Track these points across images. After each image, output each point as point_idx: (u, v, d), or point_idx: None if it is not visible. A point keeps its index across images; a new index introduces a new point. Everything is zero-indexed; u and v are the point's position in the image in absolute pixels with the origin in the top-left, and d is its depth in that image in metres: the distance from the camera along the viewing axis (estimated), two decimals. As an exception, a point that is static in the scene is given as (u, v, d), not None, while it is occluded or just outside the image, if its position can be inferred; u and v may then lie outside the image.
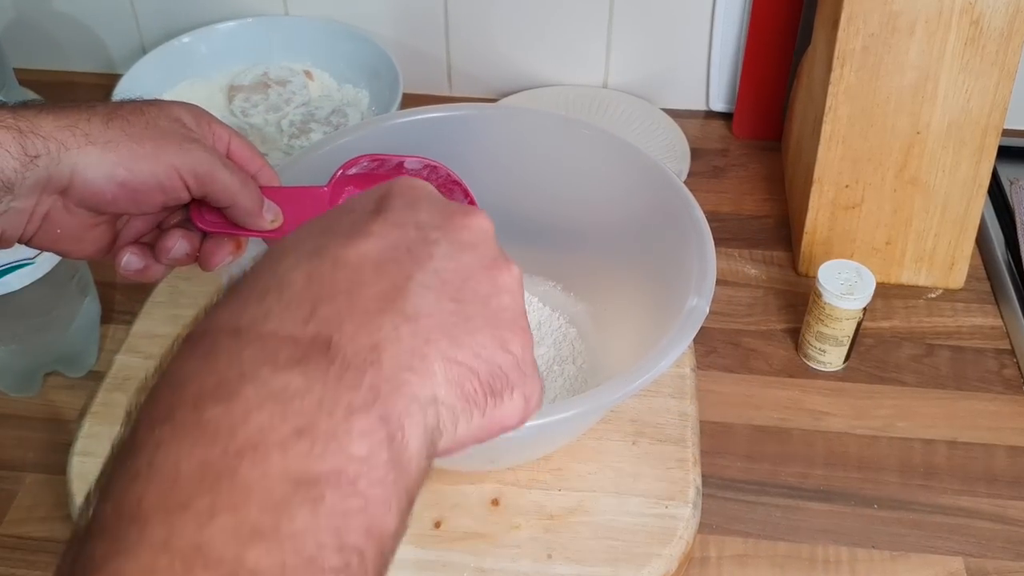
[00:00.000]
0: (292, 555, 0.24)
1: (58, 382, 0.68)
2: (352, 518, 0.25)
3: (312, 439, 0.25)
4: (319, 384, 0.26)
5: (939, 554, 0.59)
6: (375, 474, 0.26)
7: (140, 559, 0.23)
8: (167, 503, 0.24)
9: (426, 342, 0.29)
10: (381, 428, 0.27)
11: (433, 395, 0.29)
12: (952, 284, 0.75)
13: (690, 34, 0.89)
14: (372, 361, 0.28)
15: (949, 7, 0.64)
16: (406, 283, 0.30)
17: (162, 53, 0.88)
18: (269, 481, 0.24)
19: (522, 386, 0.33)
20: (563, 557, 0.55)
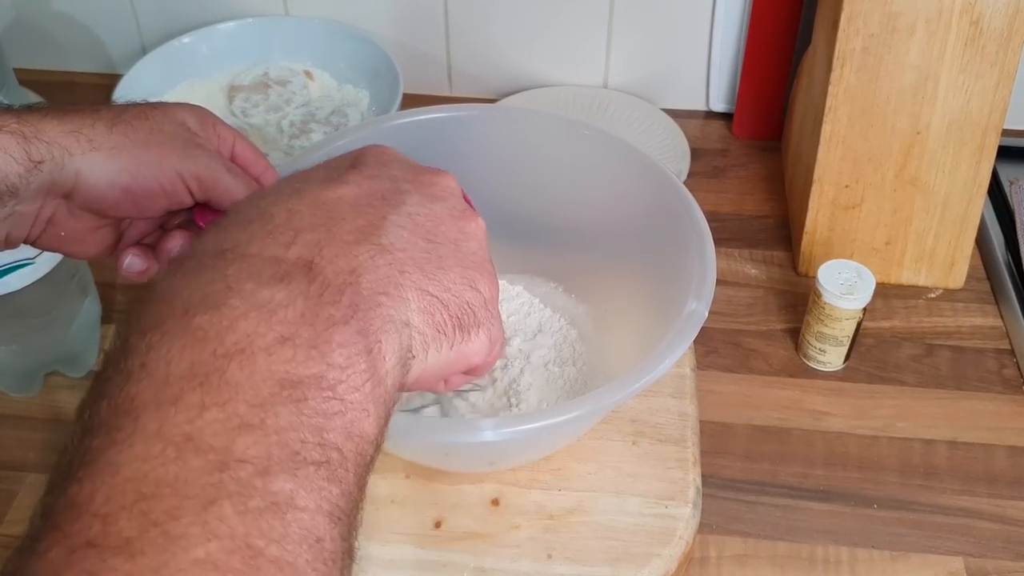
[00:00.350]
0: (277, 447, 0.25)
1: (59, 382, 0.68)
2: (332, 419, 0.27)
3: (295, 346, 0.27)
4: (301, 298, 0.28)
5: (939, 554, 0.59)
6: (353, 381, 0.28)
7: (134, 448, 0.24)
8: (159, 398, 0.25)
9: (400, 272, 0.32)
10: (359, 340, 0.28)
11: (406, 319, 0.31)
12: (952, 284, 0.75)
13: (690, 34, 0.89)
14: (351, 282, 0.30)
15: (949, 7, 0.64)
16: (381, 221, 0.32)
17: (162, 53, 0.88)
18: (256, 381, 0.26)
19: (488, 327, 0.35)
20: (563, 557, 0.55)
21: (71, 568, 0.22)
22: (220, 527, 0.23)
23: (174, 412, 0.25)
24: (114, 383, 0.26)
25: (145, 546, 0.22)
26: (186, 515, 0.23)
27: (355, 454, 0.27)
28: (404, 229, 0.33)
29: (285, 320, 0.27)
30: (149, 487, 0.23)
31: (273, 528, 0.24)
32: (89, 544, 0.22)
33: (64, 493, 0.24)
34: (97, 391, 0.27)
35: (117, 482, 0.23)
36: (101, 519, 0.23)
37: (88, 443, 0.25)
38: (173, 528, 0.22)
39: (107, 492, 0.23)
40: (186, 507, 0.23)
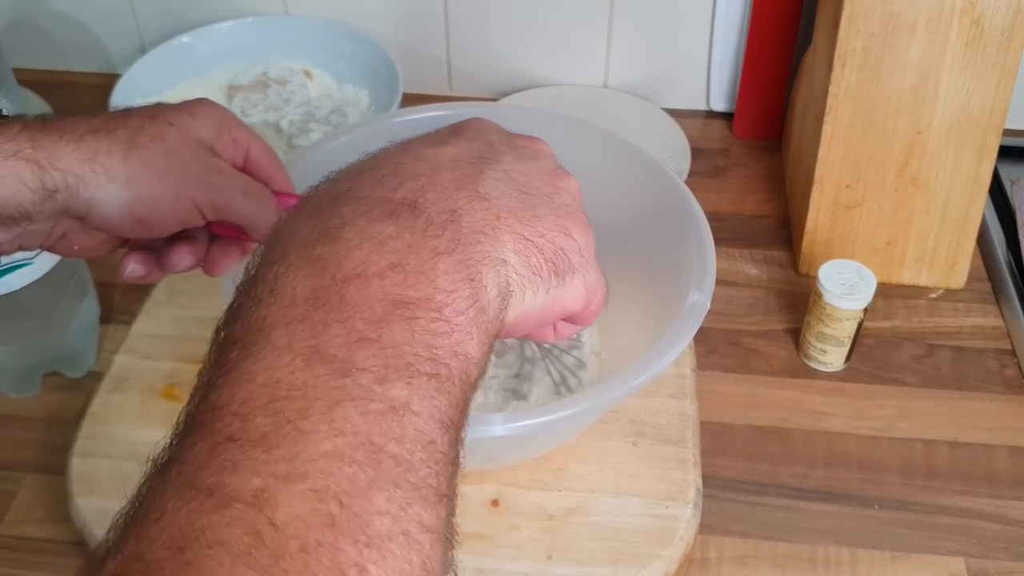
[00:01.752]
0: (393, 359, 0.27)
1: (57, 382, 0.68)
2: (440, 337, 0.29)
3: (404, 272, 0.29)
4: (408, 232, 0.31)
5: (940, 555, 0.59)
6: (458, 305, 0.30)
7: (267, 359, 0.27)
8: (287, 317, 0.28)
9: (496, 217, 0.34)
10: (461, 269, 0.31)
11: (503, 257, 0.33)
12: (953, 284, 0.75)
13: (690, 34, 0.89)
14: (452, 221, 0.32)
15: (950, 7, 0.64)
16: (478, 174, 0.35)
17: (161, 53, 0.88)
18: (371, 301, 0.28)
19: (584, 273, 0.37)
20: (563, 558, 0.55)
21: (215, 458, 0.25)
22: (345, 425, 0.25)
23: (301, 329, 0.27)
24: (246, 307, 0.29)
25: (280, 439, 0.25)
26: (314, 414, 0.25)
27: (460, 371, 0.29)
28: (499, 182, 0.35)
29: (395, 250, 0.30)
30: (281, 391, 0.26)
31: (391, 428, 0.26)
32: (230, 438, 0.25)
33: (205, 399, 0.27)
34: (230, 315, 0.29)
35: (253, 388, 0.26)
36: (240, 417, 0.25)
37: (225, 357, 0.28)
38: (303, 425, 0.25)
39: (244, 396, 0.26)
40: (314, 408, 0.25)
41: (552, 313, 0.36)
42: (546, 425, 0.47)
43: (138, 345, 0.67)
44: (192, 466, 0.25)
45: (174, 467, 0.25)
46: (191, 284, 0.71)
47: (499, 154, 0.37)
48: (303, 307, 0.28)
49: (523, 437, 0.52)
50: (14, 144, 0.43)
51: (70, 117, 0.47)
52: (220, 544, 0.23)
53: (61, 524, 0.60)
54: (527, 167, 0.37)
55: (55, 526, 0.60)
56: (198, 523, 0.23)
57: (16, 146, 0.43)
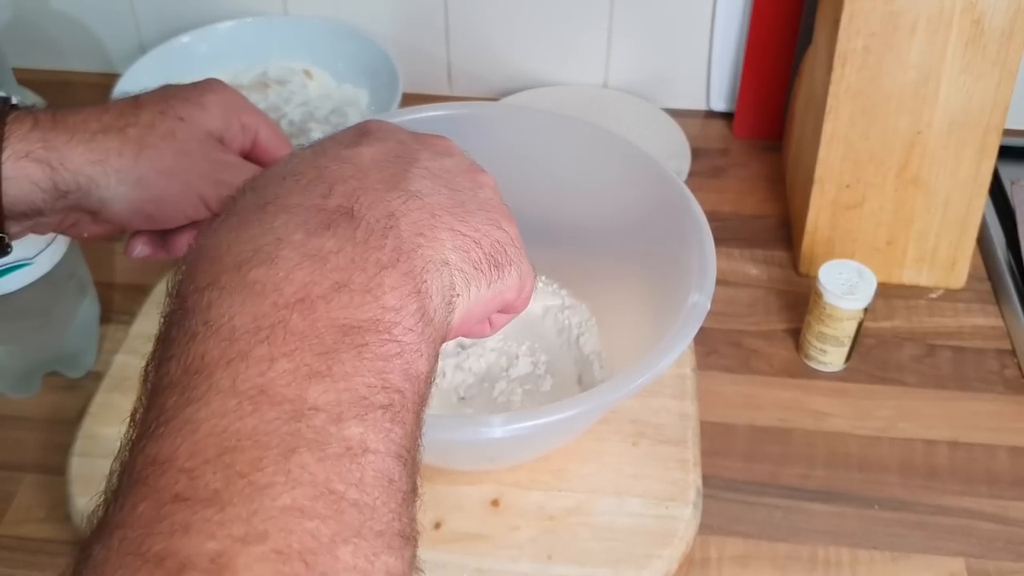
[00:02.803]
0: (346, 393, 0.26)
1: (57, 383, 0.68)
2: (391, 361, 0.27)
3: (350, 292, 0.28)
4: (349, 245, 0.29)
5: (941, 555, 0.59)
6: (406, 322, 0.29)
7: (211, 404, 0.25)
8: (228, 354, 0.26)
9: (432, 215, 0.33)
10: (407, 282, 0.29)
11: (445, 258, 0.32)
12: (953, 284, 0.75)
13: (690, 33, 0.89)
14: (391, 226, 0.30)
15: (950, 7, 0.64)
16: (404, 172, 0.34)
17: (161, 53, 0.88)
18: (318, 329, 0.26)
19: (519, 264, 0.37)
20: (563, 558, 0.55)
21: (162, 521, 0.23)
22: (302, 474, 0.24)
23: (245, 367, 0.25)
24: (179, 342, 0.27)
25: (233, 496, 0.23)
26: (269, 465, 0.24)
27: (413, 394, 0.28)
28: (426, 179, 0.34)
29: (338, 267, 0.28)
30: (230, 440, 0.24)
31: (351, 472, 0.25)
32: (178, 497, 0.23)
33: (143, 451, 0.25)
34: (162, 350, 0.27)
35: (198, 438, 0.24)
36: (187, 473, 0.23)
37: (162, 402, 0.26)
38: (258, 478, 0.23)
39: (190, 448, 0.24)
40: (268, 457, 0.24)
41: (492, 306, 0.36)
42: (545, 426, 0.47)
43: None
44: (137, 531, 0.23)
45: (116, 532, 0.23)
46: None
47: (415, 152, 0.36)
48: (244, 340, 0.26)
49: (522, 438, 0.51)
50: (25, 144, 0.44)
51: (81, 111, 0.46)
52: None
53: (61, 524, 0.60)
54: (445, 164, 0.36)
55: (55, 526, 0.60)
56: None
57: (28, 146, 0.43)
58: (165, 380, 0.26)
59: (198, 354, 0.26)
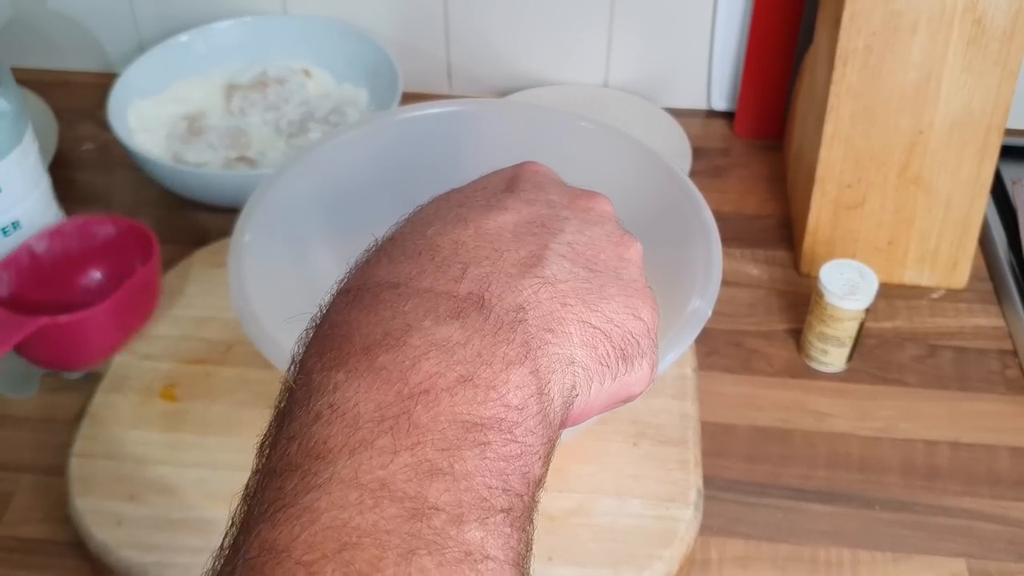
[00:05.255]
0: (467, 494, 0.25)
1: (56, 383, 0.68)
2: (512, 462, 0.27)
3: (475, 387, 0.27)
4: (477, 336, 0.28)
5: (941, 556, 0.58)
6: (528, 424, 0.28)
7: (332, 494, 0.24)
8: (351, 442, 0.25)
9: (563, 305, 0.31)
10: (533, 381, 0.28)
11: (571, 356, 0.30)
12: (955, 284, 0.75)
13: (691, 33, 0.89)
14: (520, 319, 0.29)
15: (951, 6, 0.64)
16: (543, 251, 0.32)
17: (160, 52, 0.87)
18: (441, 423, 0.26)
19: (651, 354, 0.34)
20: (564, 559, 0.54)
21: None
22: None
23: (368, 457, 0.25)
24: (301, 422, 0.26)
25: None
26: (388, 567, 0.23)
27: (530, 499, 0.27)
28: (564, 259, 0.32)
29: (464, 360, 0.27)
30: (350, 536, 0.23)
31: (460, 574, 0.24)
32: None
33: (259, 536, 0.24)
34: (283, 430, 0.27)
35: (317, 529, 0.23)
36: (305, 567, 0.23)
37: (281, 484, 0.25)
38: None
39: (308, 539, 0.23)
40: (388, 558, 0.23)
41: (617, 399, 0.34)
42: None
43: (137, 345, 0.67)
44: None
45: None
46: (190, 285, 0.70)
47: (562, 220, 0.34)
48: (368, 429, 0.25)
49: None
50: None
51: None
52: None
53: (60, 525, 0.59)
54: (592, 235, 0.35)
55: (54, 527, 0.60)
56: None
57: None
58: (284, 461, 0.26)
59: (321, 438, 0.26)
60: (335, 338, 0.28)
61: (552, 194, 0.36)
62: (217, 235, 0.70)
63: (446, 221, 0.33)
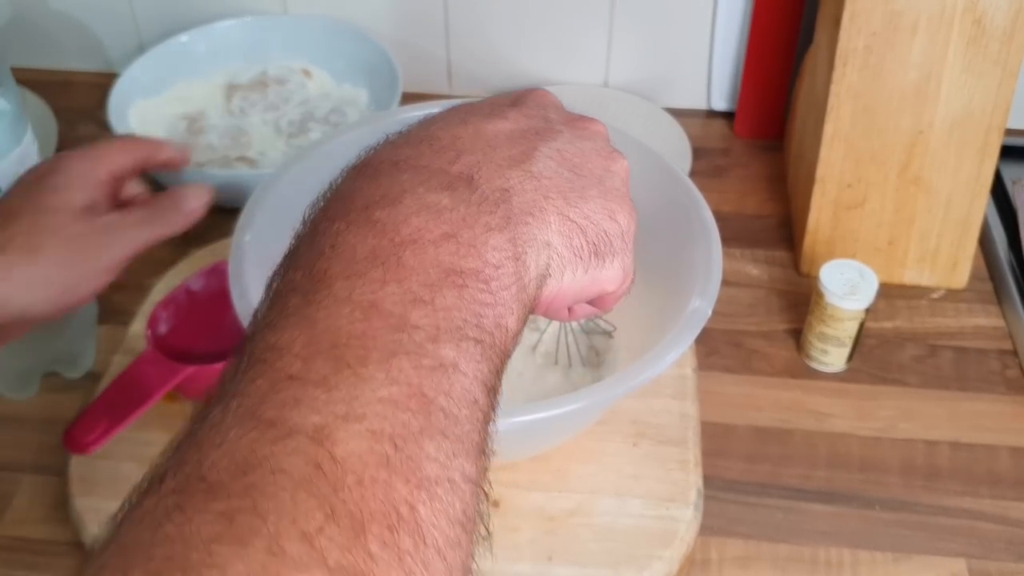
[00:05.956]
0: (444, 321, 0.29)
1: (56, 383, 0.68)
2: (486, 308, 0.30)
3: (457, 243, 0.31)
4: (463, 205, 0.32)
5: (942, 555, 0.58)
6: (503, 280, 0.32)
7: (328, 308, 0.28)
8: (347, 272, 0.30)
9: (545, 198, 0.35)
10: (509, 247, 0.32)
11: (547, 240, 0.35)
12: (955, 284, 0.75)
13: (691, 32, 0.89)
14: (504, 199, 0.34)
15: (952, 6, 0.64)
16: (532, 152, 0.36)
17: (160, 52, 0.87)
18: (425, 266, 0.30)
19: (623, 256, 0.38)
20: (563, 559, 0.54)
21: (277, 394, 0.26)
22: (400, 376, 0.27)
23: (361, 283, 0.29)
24: (306, 257, 0.31)
25: (339, 382, 0.26)
26: (372, 363, 0.27)
27: (501, 342, 0.31)
28: (552, 160, 0.36)
29: (450, 221, 0.31)
30: (342, 339, 0.27)
31: (441, 383, 0.28)
32: (291, 377, 0.26)
33: (264, 338, 0.28)
34: (289, 262, 0.31)
35: (315, 333, 0.28)
36: (302, 359, 0.27)
37: (285, 302, 0.29)
38: (362, 371, 0.27)
39: (306, 339, 0.27)
40: (372, 357, 0.27)
41: (588, 293, 0.38)
42: (536, 423, 0.47)
43: (136, 345, 0.67)
44: (253, 399, 0.26)
45: (234, 400, 0.26)
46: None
47: (555, 132, 0.38)
48: (362, 264, 0.30)
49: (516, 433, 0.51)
50: None
51: None
52: (282, 471, 0.24)
53: (60, 525, 0.59)
54: (581, 146, 0.38)
55: (53, 527, 0.60)
56: (261, 451, 0.24)
57: None
58: (290, 285, 0.30)
59: (321, 269, 0.30)
60: (339, 200, 0.33)
61: (551, 112, 0.40)
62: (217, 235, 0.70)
63: (449, 122, 0.37)
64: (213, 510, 0.23)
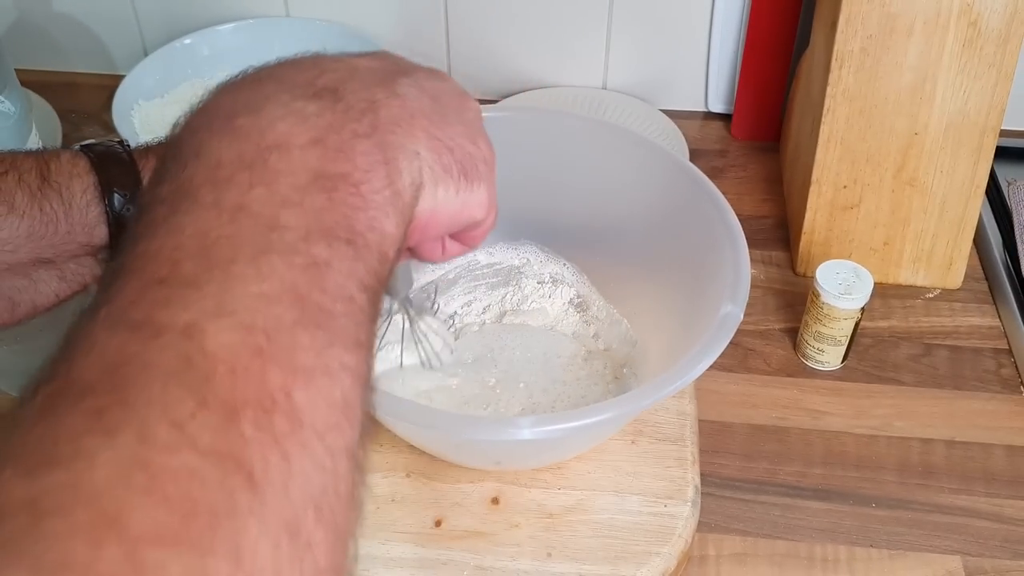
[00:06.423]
0: (314, 223, 0.29)
1: (60, 382, 0.68)
2: (357, 212, 0.30)
3: (325, 148, 0.31)
4: (329, 112, 0.32)
5: (937, 553, 0.59)
6: (374, 184, 0.31)
7: (194, 215, 0.28)
8: (214, 178, 0.29)
9: (411, 116, 0.35)
10: (379, 152, 0.32)
11: (416, 150, 0.35)
12: (950, 284, 0.75)
13: (689, 35, 0.90)
14: (370, 110, 0.33)
15: (947, 9, 0.65)
16: (394, 78, 0.36)
17: (163, 54, 0.88)
18: (294, 170, 0.30)
19: (488, 184, 0.39)
20: (563, 555, 0.55)
21: (145, 297, 0.26)
22: (271, 273, 0.27)
23: (227, 188, 0.29)
24: (172, 170, 0.30)
25: (208, 281, 0.26)
26: (242, 261, 0.27)
27: (377, 244, 0.31)
28: (413, 87, 0.37)
29: (316, 126, 0.31)
30: (210, 240, 0.27)
31: (314, 279, 0.28)
32: (160, 281, 0.26)
33: (132, 250, 0.28)
34: (155, 178, 0.31)
35: (183, 238, 0.27)
36: (170, 263, 0.27)
37: (152, 214, 0.29)
38: (232, 269, 0.27)
39: (173, 245, 0.27)
40: (242, 255, 0.27)
41: (460, 218, 0.38)
42: (572, 431, 0.48)
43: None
44: (123, 304, 0.26)
45: (102, 308, 0.26)
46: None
47: (412, 69, 0.39)
48: (228, 169, 0.29)
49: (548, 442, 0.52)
50: None
51: None
52: (152, 365, 0.24)
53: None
54: (436, 84, 0.39)
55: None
56: (129, 350, 0.24)
57: None
58: (157, 199, 0.29)
59: (187, 178, 0.29)
60: (203, 113, 0.33)
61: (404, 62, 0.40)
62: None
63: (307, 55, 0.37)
64: (82, 408, 0.23)
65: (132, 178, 0.48)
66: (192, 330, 0.25)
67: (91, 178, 0.47)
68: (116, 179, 0.47)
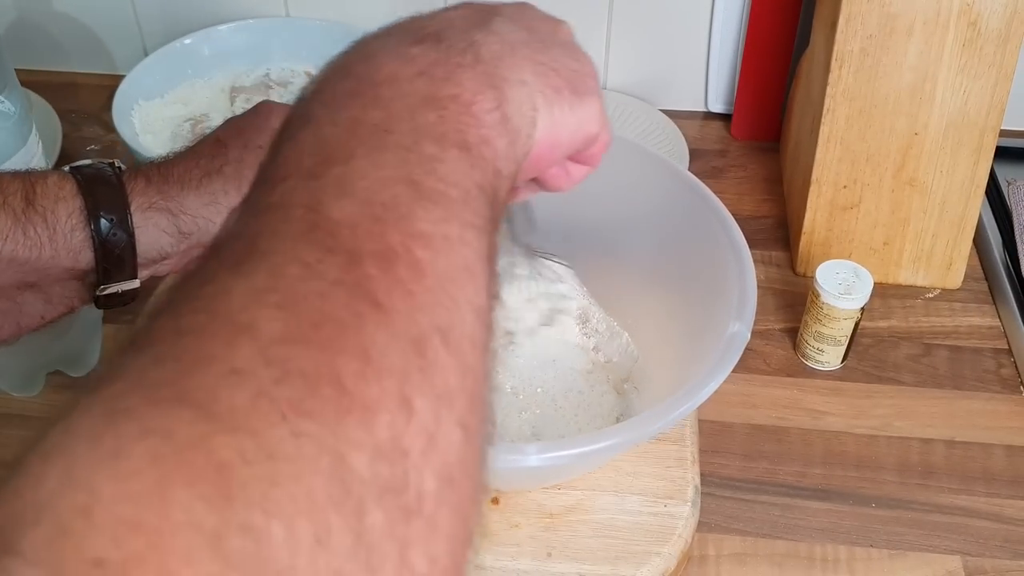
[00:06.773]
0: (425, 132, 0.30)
1: (60, 382, 0.68)
2: (470, 128, 0.32)
3: (432, 78, 0.32)
4: (433, 52, 0.34)
5: (937, 553, 0.59)
6: (485, 105, 0.32)
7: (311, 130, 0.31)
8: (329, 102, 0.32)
9: (512, 48, 0.36)
10: (485, 79, 0.33)
11: (522, 79, 0.35)
12: (950, 284, 0.76)
13: (689, 35, 0.90)
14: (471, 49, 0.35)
15: (947, 9, 0.65)
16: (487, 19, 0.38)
17: (164, 54, 0.88)
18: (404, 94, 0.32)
19: (598, 96, 0.39)
20: (563, 555, 0.55)
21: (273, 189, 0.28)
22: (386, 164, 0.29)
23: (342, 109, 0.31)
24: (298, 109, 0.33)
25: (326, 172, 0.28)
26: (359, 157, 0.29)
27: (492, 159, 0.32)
28: (507, 23, 0.38)
29: (422, 64, 0.33)
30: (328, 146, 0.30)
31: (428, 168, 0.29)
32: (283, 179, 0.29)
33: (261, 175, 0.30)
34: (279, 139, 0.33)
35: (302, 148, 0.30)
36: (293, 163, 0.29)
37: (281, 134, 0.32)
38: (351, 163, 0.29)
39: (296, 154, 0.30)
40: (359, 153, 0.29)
41: (579, 135, 0.38)
42: (579, 457, 0.47)
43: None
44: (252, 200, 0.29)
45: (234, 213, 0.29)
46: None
47: (499, 8, 0.39)
48: (342, 98, 0.32)
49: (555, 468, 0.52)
50: (146, 198, 0.49)
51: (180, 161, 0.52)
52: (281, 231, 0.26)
53: (64, 522, 0.60)
54: (526, 14, 0.40)
55: (58, 524, 0.60)
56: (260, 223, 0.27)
57: (148, 199, 0.49)
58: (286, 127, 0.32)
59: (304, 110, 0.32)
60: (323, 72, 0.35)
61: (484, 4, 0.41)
62: (220, 236, 0.70)
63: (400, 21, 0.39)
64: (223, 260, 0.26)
65: (120, 201, 0.49)
66: (316, 205, 0.27)
67: (77, 202, 0.47)
68: (103, 203, 0.48)
